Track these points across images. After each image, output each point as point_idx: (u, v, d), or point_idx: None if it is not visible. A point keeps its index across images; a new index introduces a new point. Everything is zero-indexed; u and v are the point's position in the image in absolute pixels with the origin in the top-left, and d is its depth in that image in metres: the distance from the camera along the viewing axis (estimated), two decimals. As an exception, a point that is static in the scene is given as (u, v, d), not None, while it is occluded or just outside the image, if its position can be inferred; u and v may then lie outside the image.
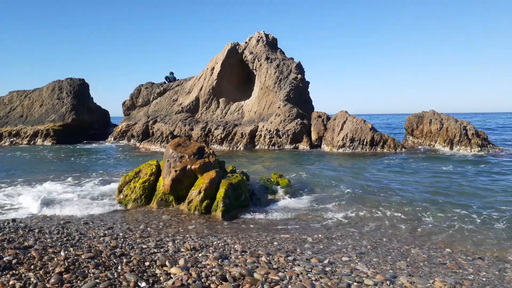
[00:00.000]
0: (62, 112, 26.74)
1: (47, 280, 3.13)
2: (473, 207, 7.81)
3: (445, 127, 18.68)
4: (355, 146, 18.70)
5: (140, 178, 8.69)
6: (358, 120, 19.47)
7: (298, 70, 23.45)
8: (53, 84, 28.64)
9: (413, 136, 20.30)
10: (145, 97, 28.26)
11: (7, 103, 29.51)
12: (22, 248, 3.97)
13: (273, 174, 10.50)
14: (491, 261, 4.99)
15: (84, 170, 13.63)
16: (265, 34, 25.90)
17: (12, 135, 26.48)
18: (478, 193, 9.25)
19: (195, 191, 7.79)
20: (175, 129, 23.79)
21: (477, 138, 18.09)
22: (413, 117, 20.42)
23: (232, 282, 3.44)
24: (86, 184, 10.73)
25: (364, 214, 7.41)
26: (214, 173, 7.97)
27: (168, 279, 3.38)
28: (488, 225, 6.64)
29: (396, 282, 3.85)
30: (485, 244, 5.72)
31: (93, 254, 3.91)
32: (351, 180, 11.23)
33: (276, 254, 4.70)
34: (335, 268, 4.27)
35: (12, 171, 13.36)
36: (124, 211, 7.73)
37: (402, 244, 5.69)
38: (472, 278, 4.27)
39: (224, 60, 25.00)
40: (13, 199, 8.62)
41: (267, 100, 23.58)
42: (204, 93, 25.62)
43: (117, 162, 16.48)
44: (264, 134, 21.77)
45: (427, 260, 4.91)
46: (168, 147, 8.66)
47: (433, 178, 11.40)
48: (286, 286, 3.44)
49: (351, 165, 14.77)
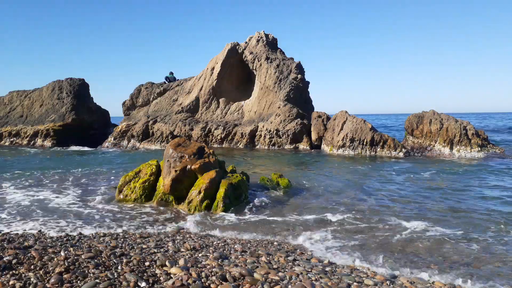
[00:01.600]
0: (62, 112, 26.73)
1: (47, 280, 3.13)
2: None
3: (445, 127, 18.68)
4: (355, 146, 18.70)
5: (140, 178, 8.69)
6: (358, 120, 19.46)
7: (298, 70, 23.45)
8: (53, 84, 28.62)
9: (413, 136, 20.30)
10: (145, 97, 28.26)
11: (7, 103, 29.50)
12: (22, 248, 3.96)
13: (273, 174, 10.50)
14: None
15: (84, 170, 13.64)
16: (265, 34, 25.90)
17: (12, 135, 26.48)
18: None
19: (195, 191, 7.79)
20: (175, 129, 23.79)
21: (477, 138, 18.09)
22: (413, 117, 20.41)
23: (232, 282, 3.44)
24: (86, 183, 10.73)
25: (364, 214, 7.40)
26: (214, 173, 7.97)
27: (168, 279, 3.38)
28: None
29: (396, 282, 3.85)
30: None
31: (93, 254, 3.91)
32: (352, 180, 11.23)
33: (276, 254, 4.70)
34: (335, 268, 4.27)
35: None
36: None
37: (402, 244, 5.70)
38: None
39: (224, 60, 25.00)
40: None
41: (267, 100, 23.58)
42: (204, 93, 25.62)
43: (117, 163, 16.48)
44: (264, 134, 21.77)
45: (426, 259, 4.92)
46: (168, 147, 8.66)
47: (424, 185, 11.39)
48: (286, 286, 3.44)
49: (351, 165, 14.77)
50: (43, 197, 8.87)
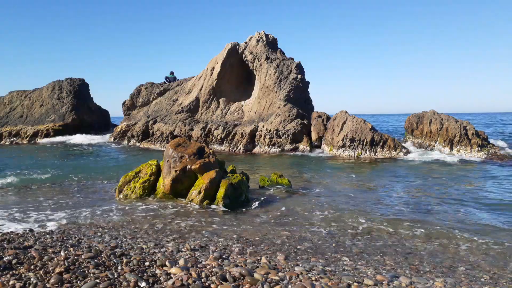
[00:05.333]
0: (62, 112, 26.74)
1: (47, 280, 3.13)
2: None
3: (445, 127, 18.68)
4: (355, 146, 18.70)
5: (140, 178, 8.69)
6: (358, 120, 19.46)
7: (298, 70, 23.44)
8: (53, 84, 28.63)
9: (413, 136, 20.29)
10: (145, 97, 28.26)
11: (7, 103, 29.51)
12: (22, 248, 3.97)
13: (273, 174, 10.49)
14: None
15: (84, 169, 13.63)
16: (265, 34, 25.90)
17: (12, 135, 26.49)
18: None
19: (195, 191, 7.79)
20: (175, 129, 23.79)
21: (477, 138, 18.08)
22: (413, 117, 20.41)
23: (232, 282, 3.44)
24: (85, 183, 10.73)
25: (365, 215, 7.40)
26: (214, 173, 7.97)
27: (168, 279, 3.38)
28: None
29: (396, 282, 3.85)
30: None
31: (93, 254, 3.91)
32: (352, 180, 11.23)
33: (276, 254, 4.70)
34: (335, 268, 4.27)
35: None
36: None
37: (402, 244, 5.69)
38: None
39: (224, 60, 25.00)
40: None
41: (267, 100, 23.58)
42: (204, 93, 25.62)
43: (117, 162, 16.48)
44: (264, 134, 21.77)
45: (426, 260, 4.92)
46: (168, 147, 8.66)
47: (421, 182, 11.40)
48: (286, 286, 3.44)
49: (351, 165, 14.78)
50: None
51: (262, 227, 6.54)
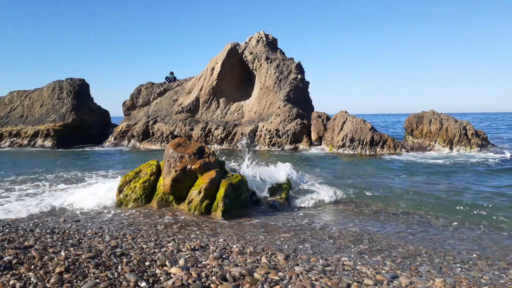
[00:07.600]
0: (63, 112, 26.73)
1: (47, 280, 3.13)
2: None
3: (445, 127, 18.68)
4: (355, 146, 18.71)
5: (140, 178, 8.69)
6: (358, 120, 19.47)
7: (298, 70, 23.45)
8: (54, 84, 28.62)
9: (413, 136, 20.30)
10: (145, 97, 28.26)
11: (7, 103, 29.50)
12: (22, 248, 3.97)
13: (273, 174, 10.48)
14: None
15: (84, 169, 13.64)
16: (265, 34, 25.90)
17: (13, 135, 26.48)
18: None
19: (195, 191, 7.79)
20: (175, 129, 23.80)
21: (476, 138, 18.09)
22: (413, 117, 20.42)
23: (232, 282, 3.45)
24: (85, 183, 10.73)
25: (365, 215, 7.41)
26: (214, 173, 7.96)
27: (168, 279, 3.39)
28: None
29: (396, 282, 3.85)
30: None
31: (93, 254, 3.92)
32: (352, 180, 11.23)
33: (276, 254, 4.70)
34: (335, 268, 4.27)
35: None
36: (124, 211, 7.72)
37: (403, 244, 5.70)
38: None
39: (224, 60, 25.01)
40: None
41: (267, 100, 23.58)
42: (204, 93, 25.62)
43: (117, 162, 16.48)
44: (264, 134, 21.77)
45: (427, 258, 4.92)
46: (168, 147, 8.66)
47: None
48: (286, 286, 3.45)
49: (350, 165, 14.78)
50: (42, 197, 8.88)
51: (262, 226, 6.55)
